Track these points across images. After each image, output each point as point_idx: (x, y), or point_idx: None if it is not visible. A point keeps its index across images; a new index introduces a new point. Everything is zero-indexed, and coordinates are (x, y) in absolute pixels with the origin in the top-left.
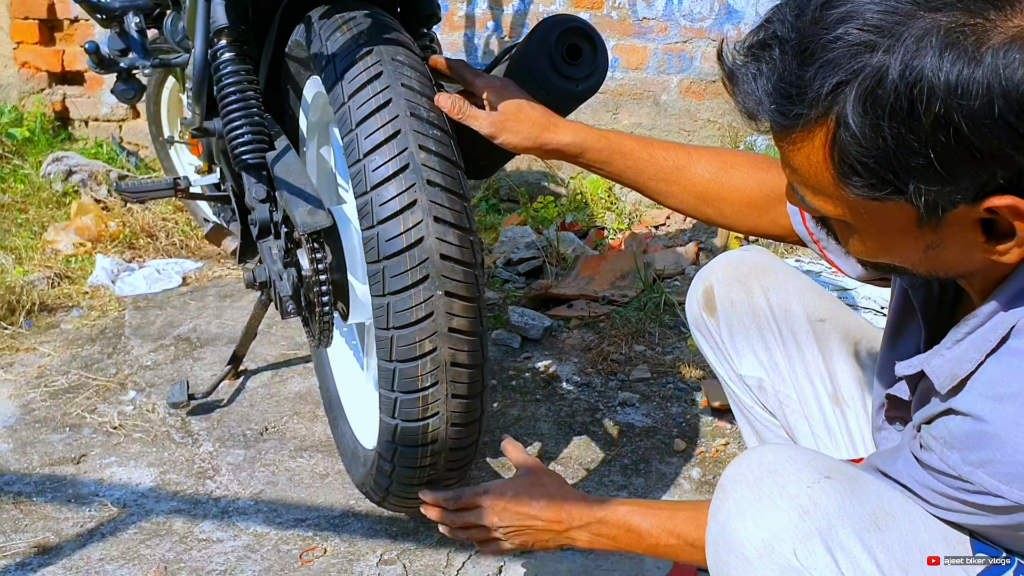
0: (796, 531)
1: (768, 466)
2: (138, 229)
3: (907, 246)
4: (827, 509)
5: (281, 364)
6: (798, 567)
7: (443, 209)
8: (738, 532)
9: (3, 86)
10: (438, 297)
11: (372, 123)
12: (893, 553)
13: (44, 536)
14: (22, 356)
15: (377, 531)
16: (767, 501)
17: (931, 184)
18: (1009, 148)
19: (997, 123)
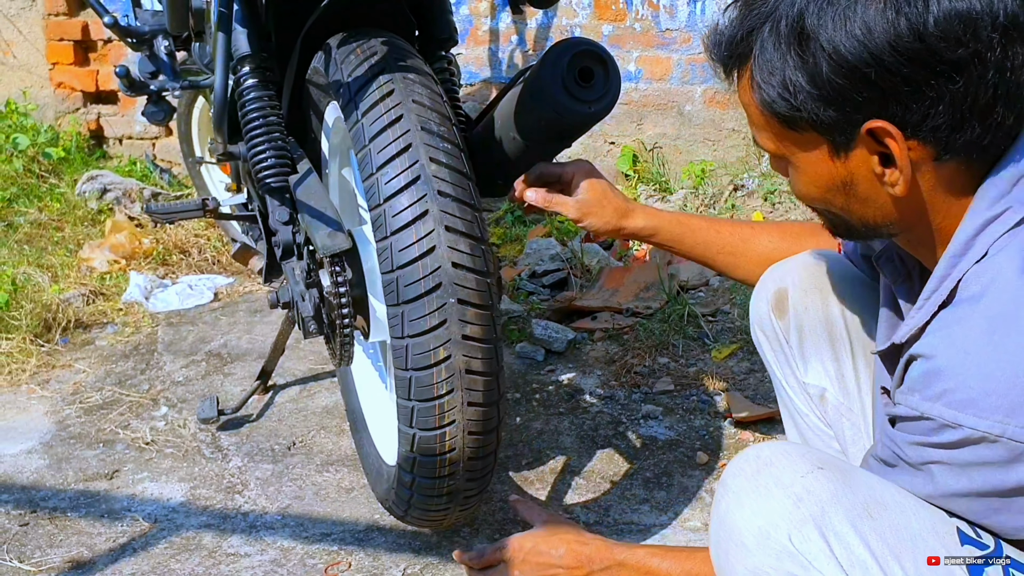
0: (791, 518)
1: (764, 460)
2: (171, 246)
3: (829, 183)
4: (820, 497)
5: (309, 379)
6: (793, 552)
7: (454, 219)
8: (737, 521)
9: (40, 106)
10: (451, 305)
11: (384, 138)
12: (885, 540)
13: (78, 551)
14: (58, 373)
15: (401, 546)
16: (763, 491)
17: (823, 111)
18: (867, 87)
19: (858, 65)
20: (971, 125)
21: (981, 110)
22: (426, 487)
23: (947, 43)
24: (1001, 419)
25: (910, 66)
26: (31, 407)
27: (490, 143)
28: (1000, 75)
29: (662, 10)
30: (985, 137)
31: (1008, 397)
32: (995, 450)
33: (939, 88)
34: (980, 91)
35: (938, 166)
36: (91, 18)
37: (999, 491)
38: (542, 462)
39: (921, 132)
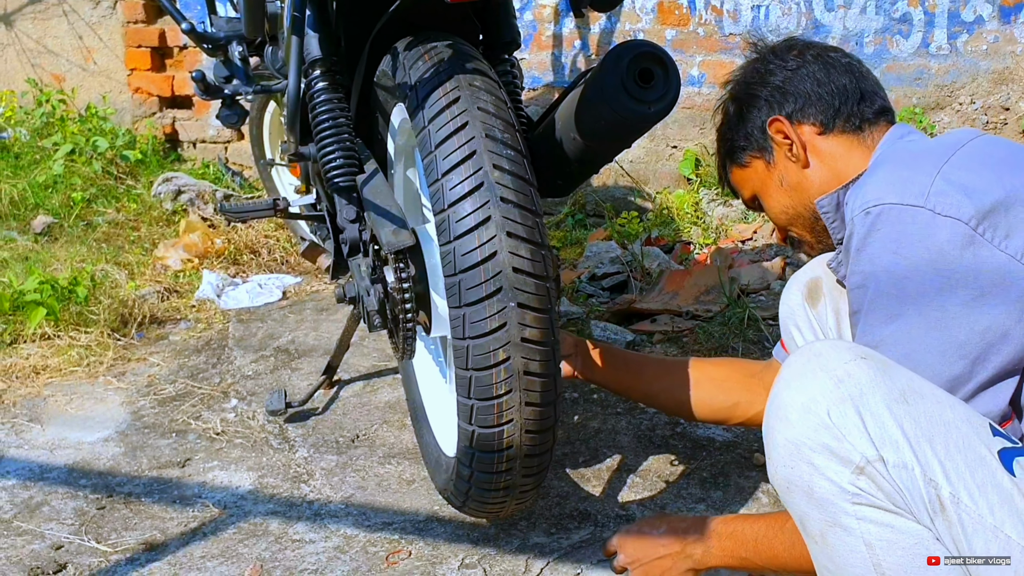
0: (831, 395)
1: (815, 351)
2: (242, 246)
3: (776, 187)
4: (860, 380)
5: (372, 375)
6: (830, 424)
7: (516, 224)
8: (784, 399)
9: (118, 110)
10: (511, 308)
11: (449, 145)
12: (919, 424)
13: (152, 534)
14: (133, 366)
15: (459, 536)
16: (810, 375)
17: (748, 134)
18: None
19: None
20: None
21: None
22: (484, 481)
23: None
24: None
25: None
26: (108, 398)
27: (551, 144)
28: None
29: (725, 15)
30: (853, 116)
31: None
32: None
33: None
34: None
35: (825, 139)
36: (168, 25)
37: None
38: (599, 460)
39: (799, 116)
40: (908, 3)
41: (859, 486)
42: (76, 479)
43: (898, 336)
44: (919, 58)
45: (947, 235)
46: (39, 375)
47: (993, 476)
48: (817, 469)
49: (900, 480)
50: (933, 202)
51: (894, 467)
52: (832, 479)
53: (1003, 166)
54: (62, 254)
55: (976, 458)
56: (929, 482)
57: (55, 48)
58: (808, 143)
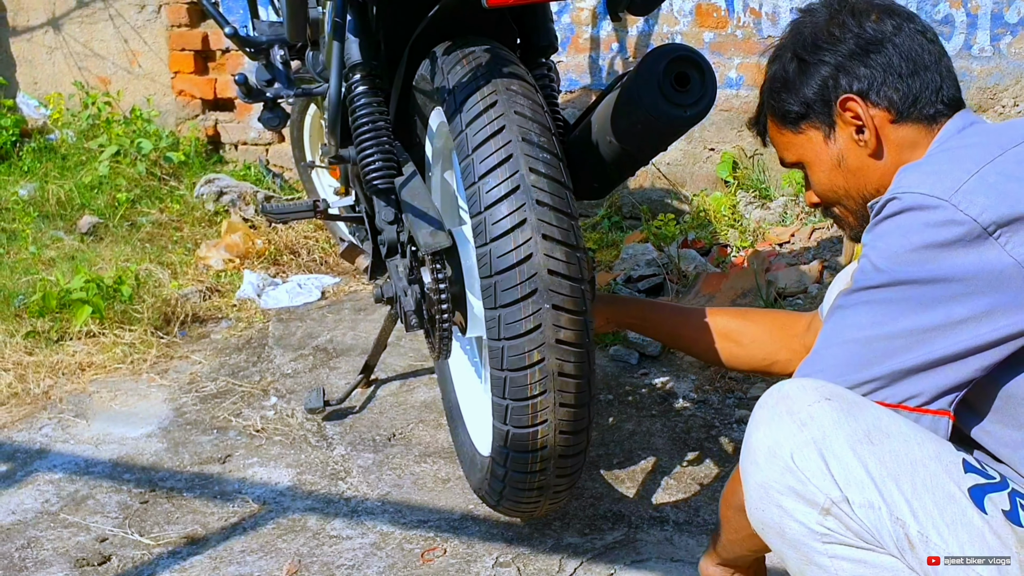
0: (795, 439)
1: (783, 392)
2: (282, 246)
3: (831, 165)
4: (823, 422)
5: (409, 374)
6: (794, 468)
7: (551, 227)
8: (752, 443)
9: (162, 113)
10: (546, 310)
11: (486, 148)
12: (884, 463)
13: (193, 528)
14: (176, 363)
15: (494, 534)
16: (776, 418)
17: (807, 101)
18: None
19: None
20: (911, 90)
21: (910, 78)
22: (518, 481)
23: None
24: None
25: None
26: (151, 394)
27: (587, 147)
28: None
29: (764, 17)
30: (928, 105)
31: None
32: (934, 215)
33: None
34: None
35: (896, 127)
36: (211, 29)
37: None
38: (633, 462)
39: (874, 98)
40: (950, 4)
41: (827, 526)
42: (120, 473)
43: (851, 312)
44: (961, 60)
45: (957, 233)
46: (84, 372)
47: (963, 514)
48: (786, 511)
49: (867, 519)
50: (958, 199)
51: (860, 507)
52: (801, 520)
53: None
54: (107, 253)
55: (945, 496)
56: (896, 521)
57: (101, 51)
58: (879, 129)
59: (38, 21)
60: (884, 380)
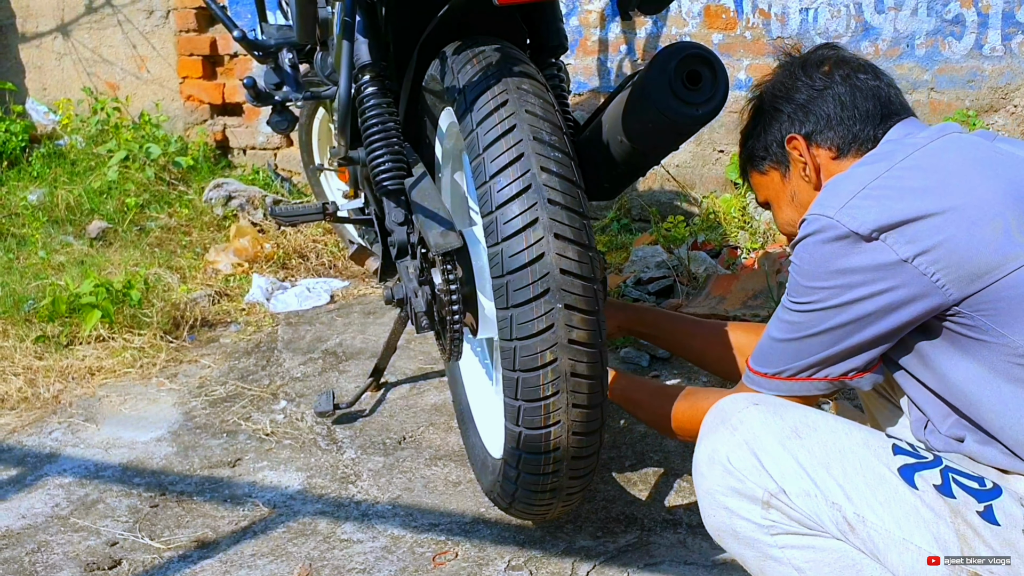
0: (729, 443)
1: (718, 407)
2: (291, 250)
3: (788, 200)
4: (752, 424)
5: (419, 377)
6: (732, 469)
7: (563, 226)
8: (696, 456)
9: (171, 118)
10: (558, 310)
11: (498, 147)
12: (813, 453)
13: (203, 532)
14: (185, 367)
15: (505, 538)
16: (713, 430)
17: (767, 145)
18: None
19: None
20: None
21: (850, 121)
22: (530, 483)
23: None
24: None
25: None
26: (160, 398)
27: (597, 146)
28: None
29: (773, 18)
30: (867, 141)
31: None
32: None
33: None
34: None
35: (838, 162)
36: (219, 34)
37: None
38: (645, 464)
39: (818, 139)
40: (961, 4)
41: (771, 519)
42: (130, 477)
43: (788, 316)
44: (972, 60)
45: (846, 244)
46: (94, 376)
47: (895, 492)
48: (732, 512)
49: (806, 507)
50: (842, 214)
51: (797, 496)
52: (747, 518)
53: (939, 175)
54: (116, 258)
55: (876, 477)
56: (832, 505)
57: (110, 57)
58: (822, 166)
59: (47, 27)
60: (824, 364)
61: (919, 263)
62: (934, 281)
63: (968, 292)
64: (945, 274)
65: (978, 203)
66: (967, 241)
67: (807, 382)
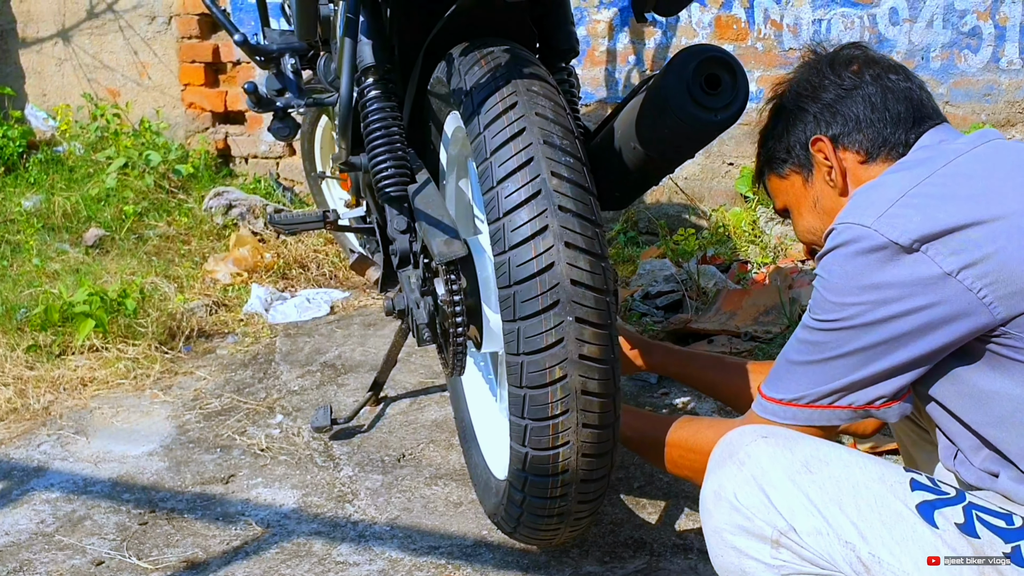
0: (736, 479)
1: (726, 440)
2: (291, 260)
3: (809, 207)
4: (760, 459)
5: (419, 392)
6: (739, 507)
7: (574, 235)
8: (703, 492)
9: (171, 125)
10: (568, 323)
11: (506, 151)
12: (825, 489)
13: (193, 552)
14: (180, 379)
15: (509, 562)
16: (720, 464)
17: (789, 147)
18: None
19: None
20: (879, 134)
21: (880, 123)
22: (536, 507)
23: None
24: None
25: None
26: (154, 411)
27: (609, 154)
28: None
29: (785, 29)
30: (898, 145)
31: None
32: (867, 241)
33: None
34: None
35: (867, 167)
36: (222, 41)
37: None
38: (655, 485)
39: (846, 142)
40: (977, 16)
41: (781, 558)
42: (119, 493)
43: (809, 336)
44: (989, 73)
45: (884, 255)
46: (86, 387)
47: (913, 530)
48: (740, 551)
49: (817, 546)
50: (879, 224)
51: (807, 534)
52: (756, 557)
53: (986, 182)
54: (113, 267)
55: (892, 515)
56: (846, 544)
57: (111, 63)
58: (849, 170)
59: (48, 32)
60: (848, 390)
61: (964, 277)
62: (981, 298)
63: (1018, 311)
64: (993, 290)
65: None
66: (1018, 253)
67: (828, 410)
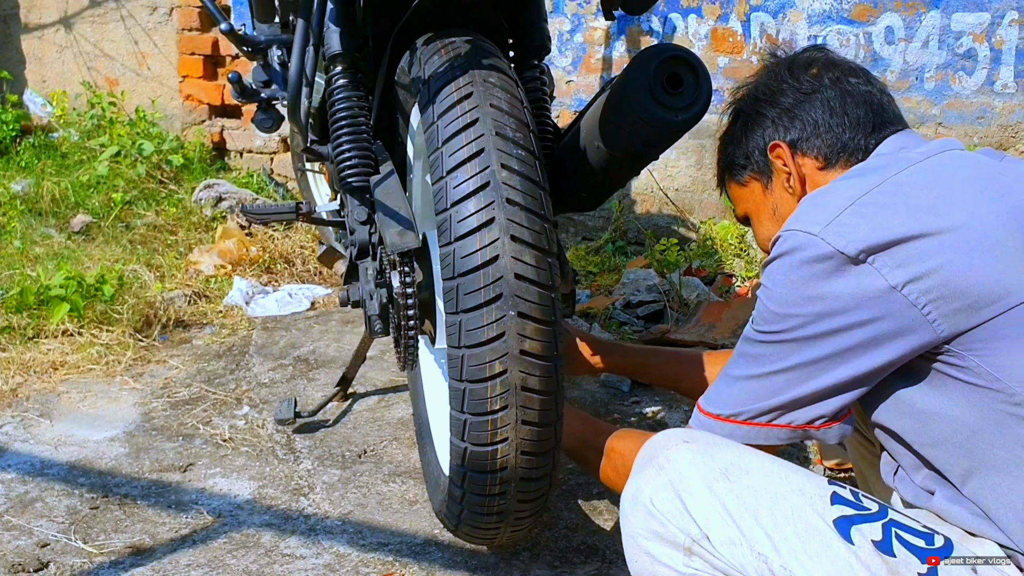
0: (654, 483)
1: (650, 443)
2: (277, 255)
3: (769, 214)
4: (679, 464)
5: (389, 390)
6: (654, 512)
7: (521, 228)
8: (623, 495)
9: (169, 116)
10: (510, 318)
11: (457, 141)
12: (742, 499)
13: (140, 538)
14: (152, 367)
15: (457, 563)
16: (641, 467)
17: (748, 153)
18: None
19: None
20: (838, 139)
21: (839, 128)
22: (476, 504)
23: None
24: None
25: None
26: (122, 397)
27: (575, 153)
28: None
29: (781, 44)
30: (856, 151)
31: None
32: (812, 250)
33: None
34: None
35: (825, 173)
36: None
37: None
38: (613, 492)
39: (804, 147)
40: (973, 39)
41: (694, 567)
42: (75, 477)
43: (751, 349)
44: (983, 96)
45: (830, 265)
46: (57, 371)
47: (828, 545)
48: (654, 557)
49: (730, 556)
50: (827, 231)
51: (721, 544)
52: (668, 564)
53: (938, 193)
54: (97, 254)
55: (808, 528)
56: (758, 555)
57: (111, 52)
58: (808, 176)
59: (50, 19)
60: (788, 408)
61: (909, 292)
62: (925, 314)
63: (961, 328)
64: (937, 307)
65: (979, 226)
66: (964, 269)
67: (766, 428)
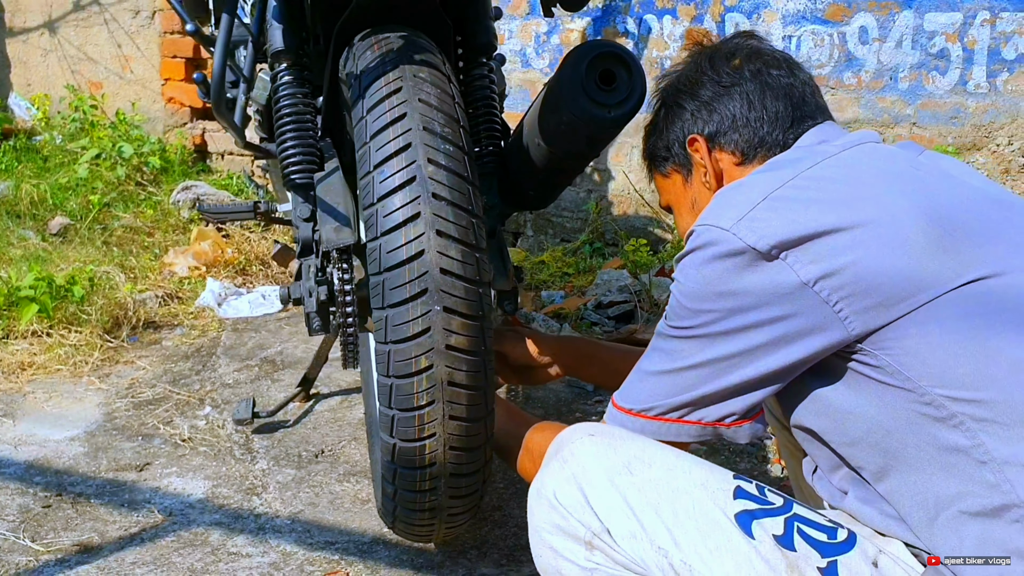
0: (556, 477)
1: (557, 439)
2: (252, 257)
3: (688, 207)
4: (582, 457)
5: (352, 390)
6: (557, 505)
7: (447, 223)
8: (530, 489)
9: (151, 119)
10: (436, 312)
11: (384, 136)
12: (644, 492)
13: (89, 536)
14: (119, 368)
15: (403, 561)
16: (547, 462)
17: (668, 145)
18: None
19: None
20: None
21: (757, 122)
22: (407, 500)
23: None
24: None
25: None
26: (87, 398)
27: (519, 151)
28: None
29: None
30: (774, 146)
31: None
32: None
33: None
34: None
35: (742, 168)
36: None
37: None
38: None
39: (721, 141)
40: (946, 39)
41: (595, 561)
42: (31, 476)
43: (663, 344)
44: (956, 96)
45: (741, 261)
46: (24, 371)
47: (728, 539)
48: (557, 552)
49: (631, 550)
50: (739, 227)
51: (621, 538)
52: (571, 559)
53: (850, 187)
54: (72, 255)
55: (709, 522)
56: (659, 549)
57: (95, 55)
58: (725, 172)
59: (35, 23)
60: (698, 404)
61: (821, 288)
62: (836, 311)
63: (872, 326)
64: (848, 304)
65: (891, 221)
66: (875, 265)
67: (676, 424)
